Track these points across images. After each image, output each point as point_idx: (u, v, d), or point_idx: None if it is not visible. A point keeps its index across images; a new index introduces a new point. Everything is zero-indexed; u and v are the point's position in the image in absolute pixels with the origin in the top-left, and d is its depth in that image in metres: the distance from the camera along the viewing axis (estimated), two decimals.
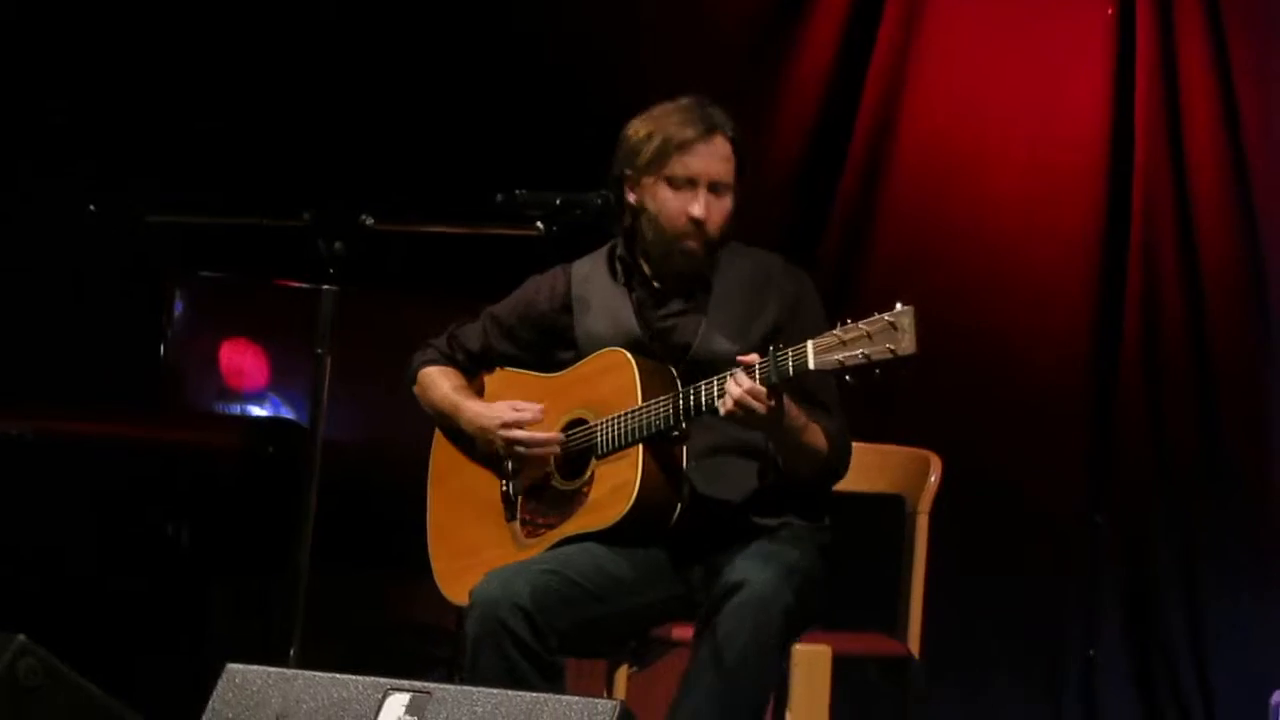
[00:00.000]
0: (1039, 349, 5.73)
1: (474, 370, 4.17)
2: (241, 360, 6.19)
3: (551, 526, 3.91)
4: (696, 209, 3.86)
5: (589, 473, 3.88)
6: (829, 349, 3.46)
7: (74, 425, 5.49)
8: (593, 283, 4.06)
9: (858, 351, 3.41)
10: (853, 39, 6.04)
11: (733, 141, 3.92)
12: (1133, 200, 5.65)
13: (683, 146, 3.88)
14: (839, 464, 3.90)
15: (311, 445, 3.68)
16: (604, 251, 4.10)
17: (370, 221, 3.71)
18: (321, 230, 3.69)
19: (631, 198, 3.95)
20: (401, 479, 4.34)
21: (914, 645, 4.09)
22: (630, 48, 6.15)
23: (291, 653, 3.56)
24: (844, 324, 3.46)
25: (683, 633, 3.88)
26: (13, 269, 6.02)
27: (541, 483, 3.98)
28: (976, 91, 5.89)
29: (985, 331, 5.75)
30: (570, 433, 3.94)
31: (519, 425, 3.94)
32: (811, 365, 3.48)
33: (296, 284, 5.91)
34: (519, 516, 3.99)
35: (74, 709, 3.18)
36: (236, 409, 6.12)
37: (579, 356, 4.02)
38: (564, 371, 4.03)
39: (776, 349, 3.54)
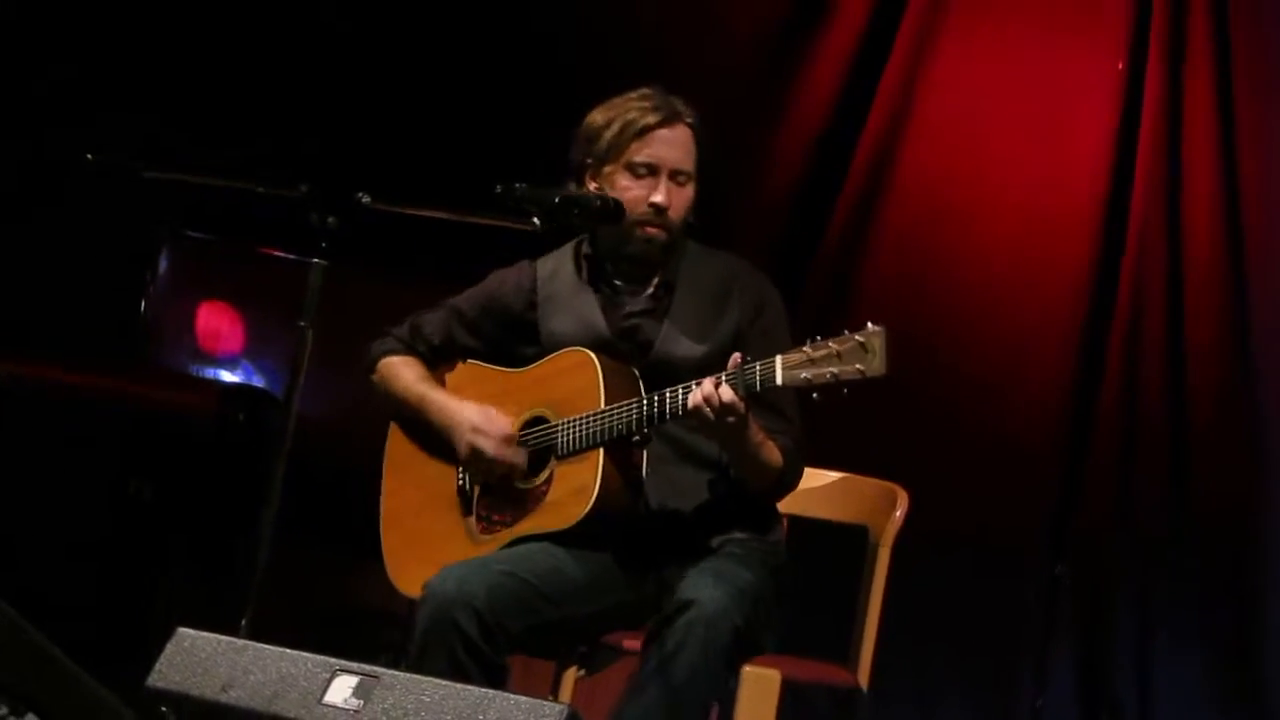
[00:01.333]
0: (1017, 396, 5.73)
1: (435, 362, 4.15)
2: (220, 325, 6.18)
3: (507, 524, 3.89)
4: (659, 195, 3.87)
5: (548, 472, 3.86)
6: (797, 365, 3.46)
7: (46, 372, 5.47)
8: (559, 280, 4.05)
9: (826, 370, 3.42)
10: (861, 65, 6.05)
11: (693, 129, 3.93)
12: (1124, 257, 5.65)
13: (643, 133, 3.89)
14: (791, 480, 3.90)
15: (285, 417, 3.66)
16: (569, 248, 4.10)
17: (366, 199, 3.71)
18: (317, 203, 3.68)
19: (592, 186, 3.95)
20: (370, 461, 4.32)
21: (864, 678, 4.08)
22: (641, 59, 6.14)
23: (243, 623, 3.54)
24: (813, 341, 3.46)
25: (634, 643, 3.87)
26: (3, 213, 6.00)
27: (499, 479, 3.96)
28: (980, 131, 5.89)
29: (966, 372, 5.75)
30: (529, 431, 3.92)
31: (487, 435, 3.90)
32: (779, 381, 3.48)
33: (283, 254, 5.91)
34: (475, 511, 3.96)
35: (14, 652, 3.16)
36: (210, 372, 6.11)
37: (542, 353, 4.00)
38: (526, 368, 4.01)
39: (744, 361, 3.54)
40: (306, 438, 3.82)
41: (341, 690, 3.01)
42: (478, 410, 3.94)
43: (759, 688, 3.76)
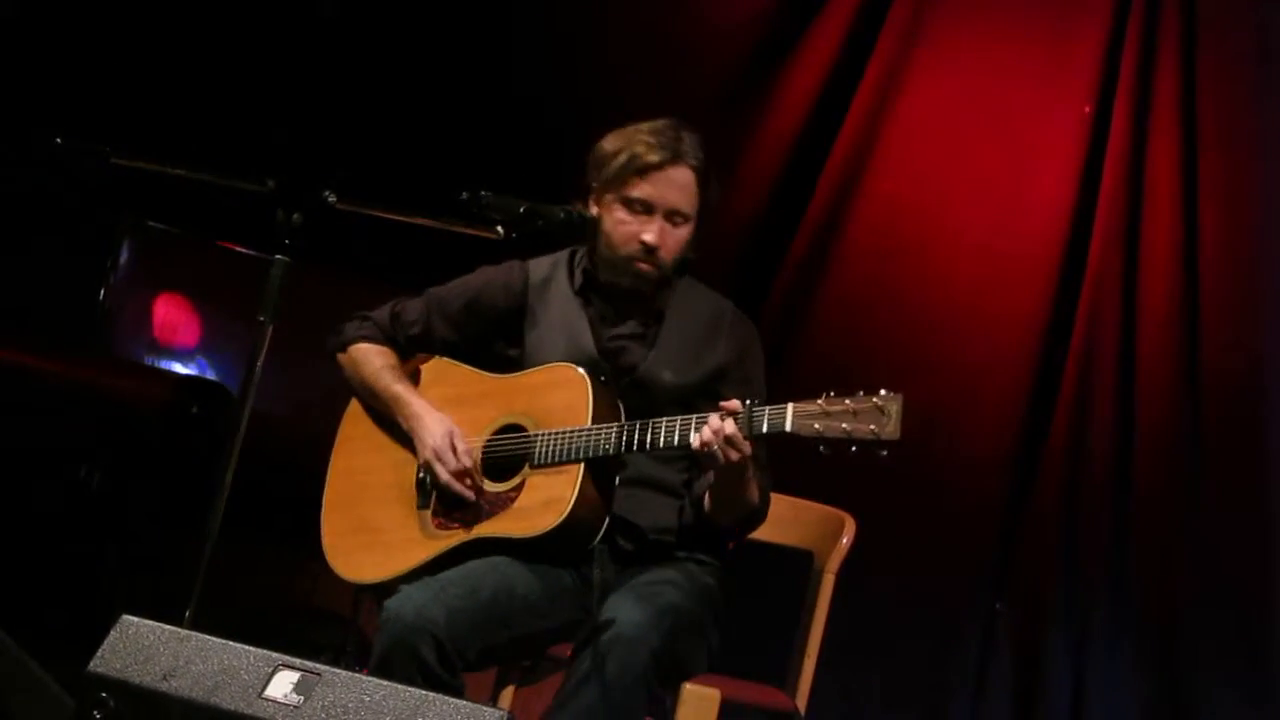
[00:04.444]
0: (966, 434, 5.75)
1: (410, 352, 4.13)
2: (178, 316, 6.17)
3: (467, 524, 3.88)
4: (649, 235, 3.89)
5: (520, 480, 3.85)
6: (810, 416, 3.49)
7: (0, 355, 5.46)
8: (551, 288, 4.06)
9: (840, 425, 3.45)
10: (829, 99, 6.07)
11: (696, 171, 3.92)
12: (1080, 303, 5.68)
13: (644, 171, 3.89)
14: (758, 522, 3.94)
15: (238, 412, 3.66)
16: (564, 256, 4.11)
17: (332, 199, 3.71)
18: (283, 200, 3.68)
19: (594, 210, 3.97)
20: (321, 460, 4.32)
21: (802, 702, 4.10)
22: (610, 80, 6.18)
23: (187, 614, 3.53)
24: (828, 395, 3.48)
25: None
26: None
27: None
28: (943, 168, 5.92)
29: (917, 407, 5.73)
30: (503, 437, 3.92)
31: (443, 463, 3.88)
32: (788, 428, 3.51)
33: (244, 249, 5.90)
34: (432, 506, 3.94)
35: None
36: (166, 364, 6.10)
37: (524, 356, 4.01)
38: (508, 375, 4.01)
39: (754, 404, 3.56)
40: (259, 433, 3.81)
41: (282, 685, 3.02)
42: (444, 434, 3.91)
43: (699, 707, 3.78)
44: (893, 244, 5.95)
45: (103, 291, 6.07)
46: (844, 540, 4.23)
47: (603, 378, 3.88)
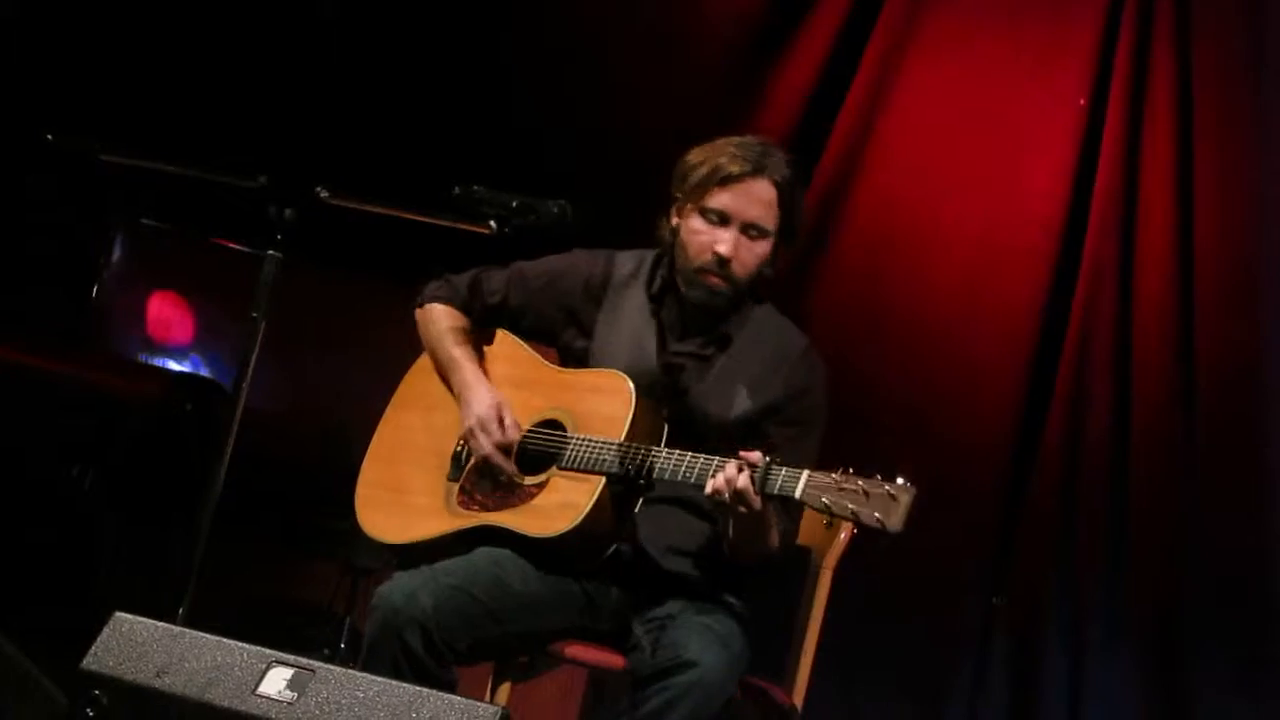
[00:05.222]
0: (963, 428, 5.74)
1: (484, 321, 4.14)
2: (171, 314, 6.17)
3: (485, 508, 3.88)
4: (723, 246, 3.86)
5: (546, 477, 3.85)
6: (821, 488, 3.47)
7: None
8: (630, 289, 4.04)
9: (847, 505, 3.44)
10: (824, 92, 6.06)
11: (779, 187, 3.89)
12: (1075, 293, 5.67)
13: (724, 181, 3.87)
14: (774, 565, 3.92)
15: (232, 409, 3.65)
16: (650, 257, 4.08)
17: (324, 194, 3.71)
18: (275, 195, 3.68)
19: (675, 220, 3.97)
20: (314, 458, 4.32)
21: (799, 698, 4.10)
22: (607, 82, 6.17)
23: (181, 611, 3.53)
24: (846, 472, 3.47)
25: (574, 651, 3.91)
26: None
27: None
28: (938, 161, 5.90)
29: (913, 402, 5.76)
30: (542, 431, 3.92)
31: (487, 434, 3.88)
32: (797, 495, 3.50)
33: (237, 246, 5.90)
34: (461, 481, 3.95)
35: None
36: (159, 361, 6.10)
37: (590, 351, 4.00)
38: (566, 370, 4.02)
39: (773, 461, 3.55)
40: (253, 431, 3.81)
41: (276, 682, 3.02)
42: (491, 405, 3.92)
43: None
44: (888, 237, 5.94)
45: (95, 289, 6.07)
46: (841, 536, 4.21)
47: (657, 396, 3.88)
